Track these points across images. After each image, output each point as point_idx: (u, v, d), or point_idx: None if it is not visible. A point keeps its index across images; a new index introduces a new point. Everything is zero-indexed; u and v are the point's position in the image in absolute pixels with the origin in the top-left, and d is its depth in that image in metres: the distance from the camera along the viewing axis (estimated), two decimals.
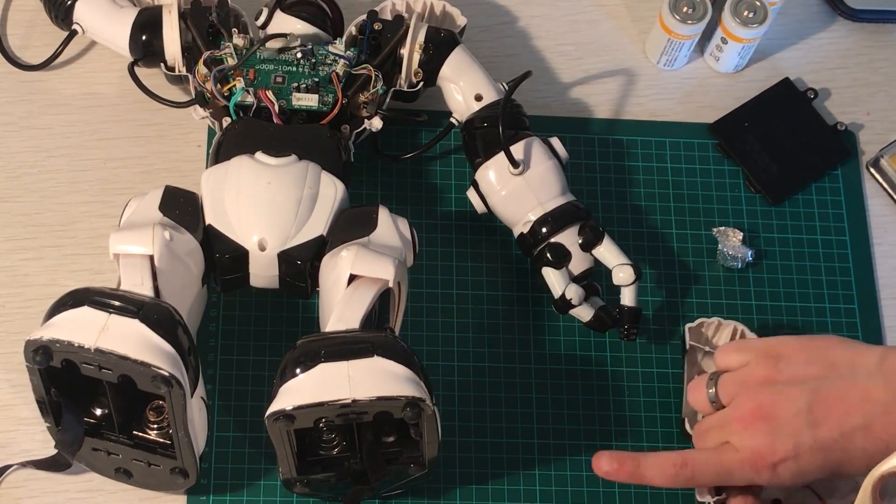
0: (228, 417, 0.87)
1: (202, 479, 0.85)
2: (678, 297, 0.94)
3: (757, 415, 0.78)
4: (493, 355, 0.91)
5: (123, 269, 0.79)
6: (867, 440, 0.76)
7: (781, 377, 0.79)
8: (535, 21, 1.03)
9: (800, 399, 0.77)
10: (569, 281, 0.88)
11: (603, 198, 0.96)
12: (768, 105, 1.00)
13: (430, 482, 0.86)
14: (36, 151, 0.94)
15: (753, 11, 0.97)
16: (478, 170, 0.90)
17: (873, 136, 1.01)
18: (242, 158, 0.84)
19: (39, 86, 0.96)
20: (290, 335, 0.88)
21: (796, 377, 0.78)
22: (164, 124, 0.95)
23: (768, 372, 0.79)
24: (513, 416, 0.89)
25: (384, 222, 0.83)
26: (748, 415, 0.78)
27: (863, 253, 0.96)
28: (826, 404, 0.77)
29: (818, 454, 0.77)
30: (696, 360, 0.89)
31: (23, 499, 0.84)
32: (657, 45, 1.00)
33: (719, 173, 0.98)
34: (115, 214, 0.85)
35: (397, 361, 0.75)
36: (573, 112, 0.99)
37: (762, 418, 0.78)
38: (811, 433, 0.76)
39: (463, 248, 0.94)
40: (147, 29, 0.91)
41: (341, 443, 0.82)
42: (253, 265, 0.83)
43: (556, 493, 0.87)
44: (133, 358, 0.74)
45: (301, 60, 0.89)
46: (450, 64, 0.91)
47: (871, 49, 1.04)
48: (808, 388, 0.77)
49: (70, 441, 0.80)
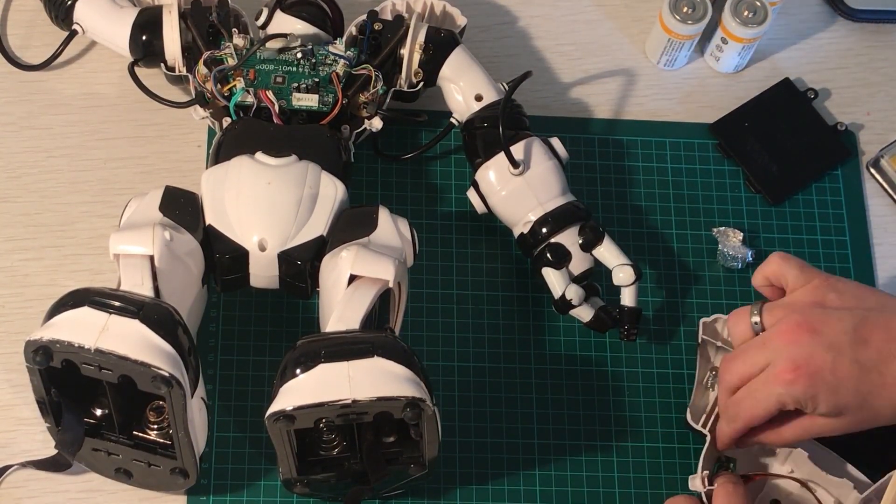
0: (228, 417, 0.87)
1: (202, 479, 0.85)
2: (678, 297, 0.94)
3: (802, 328, 0.79)
4: (493, 355, 0.91)
5: (123, 270, 0.79)
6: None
7: (832, 304, 0.81)
8: (535, 21, 1.03)
9: (847, 321, 0.79)
10: (569, 281, 0.88)
11: (603, 198, 0.96)
12: (768, 105, 1.00)
13: (430, 482, 0.86)
14: (36, 151, 0.94)
15: (753, 11, 0.97)
16: (478, 170, 0.90)
17: (873, 136, 1.01)
18: (242, 158, 0.84)
19: (39, 86, 0.96)
20: (290, 335, 0.88)
21: (846, 305, 0.80)
22: (164, 124, 0.95)
23: (819, 298, 0.81)
24: (513, 416, 0.89)
25: (384, 222, 0.83)
26: (794, 327, 0.79)
27: (863, 253, 0.96)
28: (870, 329, 0.78)
29: (856, 369, 0.78)
30: (709, 356, 0.89)
31: (23, 499, 0.84)
32: (657, 45, 1.00)
33: (719, 173, 0.98)
34: (115, 214, 0.85)
35: (397, 362, 0.75)
36: (573, 112, 0.99)
37: (807, 331, 0.79)
38: (852, 350, 0.78)
39: (463, 248, 0.94)
40: (147, 29, 0.91)
41: (341, 443, 0.82)
42: (253, 265, 0.83)
43: (556, 493, 0.87)
44: (133, 358, 0.74)
45: (301, 60, 0.89)
46: (450, 64, 0.91)
47: (871, 49, 1.04)
48: (856, 315, 0.79)
49: (70, 441, 0.80)
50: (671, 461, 0.89)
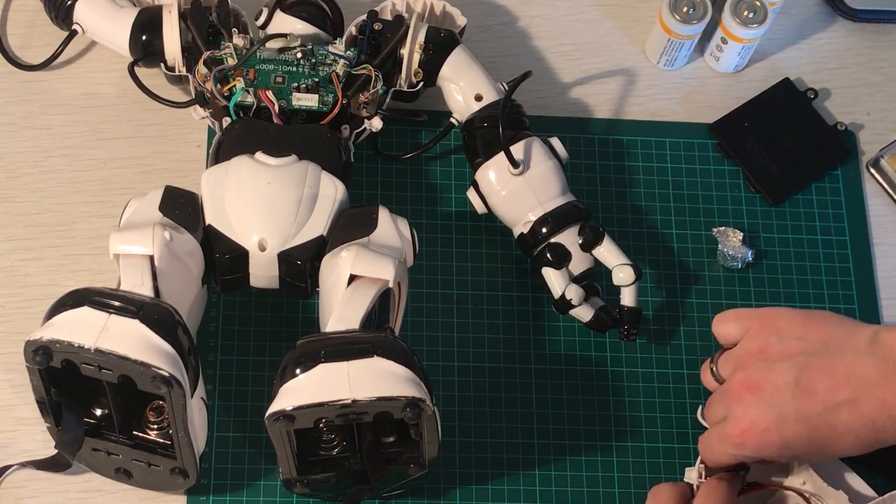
0: (228, 417, 0.87)
1: (202, 480, 0.85)
2: (678, 297, 0.94)
3: (746, 386, 0.79)
4: (493, 355, 0.91)
5: (123, 270, 0.79)
6: (853, 416, 0.76)
7: (773, 351, 0.80)
8: (535, 21, 1.03)
9: (788, 373, 0.78)
10: (569, 281, 0.88)
11: (603, 198, 0.96)
12: (768, 105, 1.00)
13: (430, 482, 0.86)
14: (36, 151, 0.94)
15: (753, 11, 0.97)
16: (478, 170, 0.90)
17: (873, 136, 1.01)
18: (242, 158, 0.84)
19: (39, 86, 0.96)
20: (290, 335, 0.88)
21: (787, 352, 0.79)
22: (164, 124, 0.95)
23: (761, 345, 0.80)
24: (513, 416, 0.89)
25: (384, 222, 0.83)
26: (738, 387, 0.79)
27: (863, 253, 0.96)
28: (813, 378, 0.77)
29: (803, 426, 0.77)
30: None
31: (23, 499, 0.84)
32: (657, 45, 1.00)
33: (719, 173, 0.98)
34: (115, 214, 0.85)
35: (397, 361, 0.75)
36: (573, 112, 0.99)
37: (749, 390, 0.79)
38: (795, 404, 0.77)
39: (463, 248, 0.94)
40: (147, 29, 0.91)
41: (341, 443, 0.82)
42: (253, 265, 0.83)
43: (556, 493, 0.87)
44: (133, 358, 0.74)
45: (301, 60, 0.89)
46: (450, 64, 0.91)
47: (871, 49, 1.04)
48: (798, 363, 0.78)
49: (70, 441, 0.80)
50: (671, 461, 0.89)
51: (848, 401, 0.76)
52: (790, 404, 0.77)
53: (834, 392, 0.76)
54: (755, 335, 0.81)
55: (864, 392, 0.76)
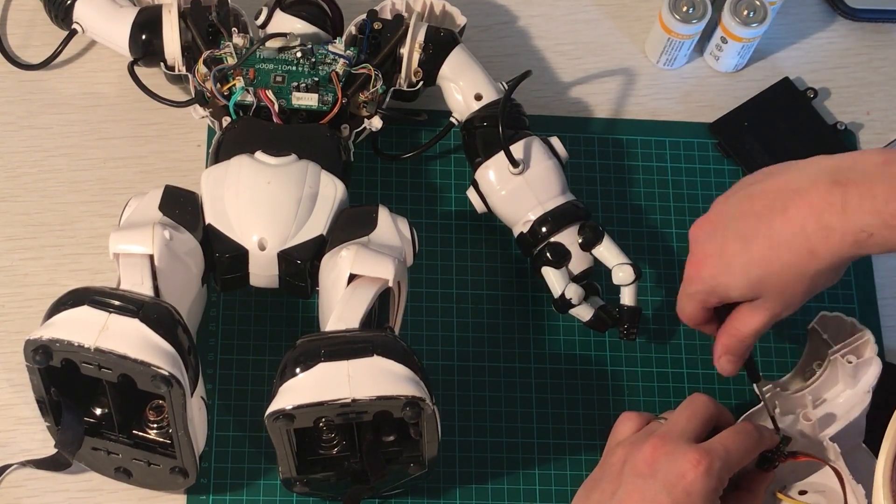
0: (228, 417, 0.87)
1: (202, 479, 0.85)
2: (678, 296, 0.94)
3: (705, 220, 0.82)
4: (493, 355, 0.91)
5: (123, 269, 0.79)
6: (785, 224, 0.77)
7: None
8: (535, 21, 1.03)
9: (736, 206, 0.80)
10: (569, 280, 0.88)
11: (603, 198, 0.96)
12: (768, 105, 1.00)
13: (430, 482, 0.86)
14: (36, 151, 0.94)
15: (753, 11, 0.97)
16: (478, 169, 0.90)
17: (873, 136, 1.01)
18: (242, 158, 0.84)
19: (39, 85, 0.96)
20: (290, 335, 0.88)
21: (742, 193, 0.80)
22: (164, 124, 0.95)
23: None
24: (513, 415, 0.89)
25: (384, 222, 0.83)
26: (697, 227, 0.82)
27: None
28: (754, 199, 0.78)
29: (741, 243, 0.78)
30: (817, 347, 0.88)
31: (23, 498, 0.84)
32: (657, 44, 1.00)
33: (719, 173, 0.98)
34: (115, 214, 0.85)
35: (397, 361, 0.75)
36: (573, 112, 0.99)
37: (707, 222, 0.81)
38: (735, 224, 0.79)
39: (463, 248, 0.94)
40: (147, 28, 0.91)
41: (341, 442, 0.82)
42: (253, 265, 0.83)
43: (556, 493, 0.87)
44: (133, 357, 0.74)
45: (301, 60, 0.89)
46: (449, 63, 0.91)
47: (871, 49, 1.04)
48: (747, 193, 0.80)
49: (70, 440, 0.80)
50: None
51: (780, 209, 0.77)
52: (730, 225, 0.79)
53: (770, 207, 0.77)
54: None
55: (794, 200, 0.76)
